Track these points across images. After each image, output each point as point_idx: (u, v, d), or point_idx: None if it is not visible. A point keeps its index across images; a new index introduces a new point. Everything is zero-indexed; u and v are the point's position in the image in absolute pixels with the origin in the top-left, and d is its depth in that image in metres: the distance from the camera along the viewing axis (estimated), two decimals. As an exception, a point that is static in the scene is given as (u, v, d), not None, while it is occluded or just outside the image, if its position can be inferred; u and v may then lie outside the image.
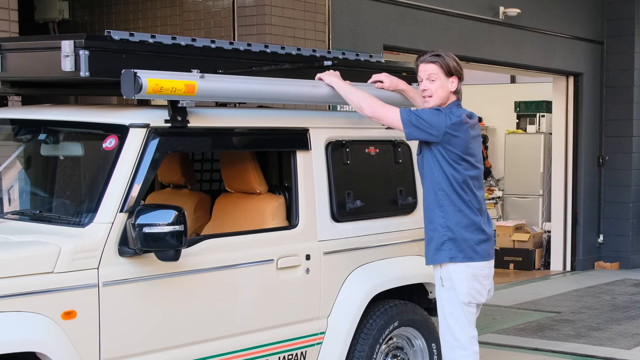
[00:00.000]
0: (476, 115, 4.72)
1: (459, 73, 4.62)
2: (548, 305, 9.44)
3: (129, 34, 4.20)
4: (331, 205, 4.89)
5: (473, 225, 4.54)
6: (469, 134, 4.55)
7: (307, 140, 4.82)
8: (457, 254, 4.53)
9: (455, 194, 4.52)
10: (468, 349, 4.58)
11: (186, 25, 8.29)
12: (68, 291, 3.78)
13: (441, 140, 4.49)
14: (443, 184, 4.53)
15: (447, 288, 4.58)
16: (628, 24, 12.33)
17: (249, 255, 4.49)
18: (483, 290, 4.62)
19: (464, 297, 4.56)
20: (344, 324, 4.88)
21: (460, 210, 4.53)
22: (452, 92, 4.61)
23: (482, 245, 4.57)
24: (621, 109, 12.40)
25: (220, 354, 4.36)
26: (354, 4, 8.62)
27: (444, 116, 4.49)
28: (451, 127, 4.48)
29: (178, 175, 5.36)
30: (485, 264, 4.60)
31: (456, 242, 4.53)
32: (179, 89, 4.06)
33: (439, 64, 4.59)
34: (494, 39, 10.53)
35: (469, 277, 4.55)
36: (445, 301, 4.61)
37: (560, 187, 12.33)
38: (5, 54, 4.40)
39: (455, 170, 4.51)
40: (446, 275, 4.58)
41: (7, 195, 4.83)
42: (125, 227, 3.96)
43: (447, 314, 4.61)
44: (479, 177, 4.63)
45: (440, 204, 4.54)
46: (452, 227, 4.53)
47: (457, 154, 4.51)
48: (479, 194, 4.60)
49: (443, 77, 4.59)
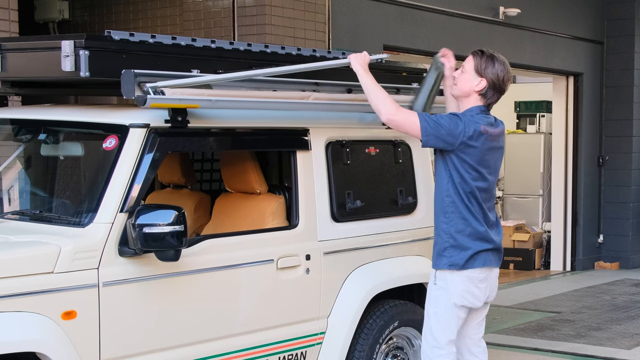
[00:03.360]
0: (501, 125, 4.56)
1: (490, 78, 4.45)
2: (548, 305, 9.44)
3: (129, 34, 4.20)
4: (331, 205, 4.89)
5: (476, 235, 4.44)
6: (486, 145, 4.42)
7: (307, 140, 4.82)
8: (457, 262, 4.44)
9: (462, 203, 4.42)
10: (445, 349, 4.51)
11: (186, 25, 8.29)
12: (68, 291, 3.78)
13: (456, 149, 4.38)
14: (451, 191, 4.43)
15: (438, 287, 4.50)
16: (628, 24, 12.33)
17: (249, 256, 4.49)
18: (479, 293, 4.53)
19: (456, 299, 4.47)
20: (344, 324, 4.88)
21: (465, 218, 4.43)
22: (476, 92, 4.47)
23: (482, 254, 4.47)
24: (621, 109, 12.41)
25: (220, 354, 4.36)
26: (354, 4, 8.62)
27: (463, 125, 4.36)
28: (468, 137, 4.36)
29: (178, 175, 5.36)
30: (484, 269, 4.50)
31: (457, 250, 4.44)
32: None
33: (474, 58, 4.49)
34: (494, 39, 10.53)
35: (465, 279, 4.46)
36: (432, 299, 4.54)
37: (560, 187, 12.33)
38: (5, 54, 4.40)
39: (464, 180, 4.41)
40: (441, 275, 4.50)
41: (7, 195, 4.83)
42: (125, 227, 3.96)
43: (431, 313, 4.54)
44: (488, 189, 4.50)
45: (445, 210, 4.45)
46: (455, 234, 4.44)
47: (469, 164, 4.40)
48: (485, 206, 4.48)
49: (472, 73, 4.47)
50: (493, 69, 4.46)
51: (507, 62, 4.54)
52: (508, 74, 4.52)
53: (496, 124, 4.52)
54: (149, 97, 3.97)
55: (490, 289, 4.60)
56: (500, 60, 4.50)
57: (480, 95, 4.49)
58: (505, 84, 4.50)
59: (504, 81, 4.49)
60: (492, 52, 4.53)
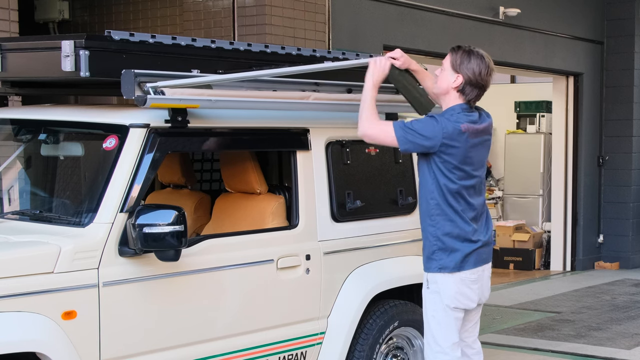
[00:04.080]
0: (487, 119, 4.50)
1: (467, 74, 4.37)
2: (548, 305, 9.44)
3: (129, 34, 4.20)
4: (331, 205, 4.89)
5: (464, 235, 4.39)
6: (468, 143, 4.34)
7: (307, 140, 4.82)
8: (447, 264, 4.40)
9: (447, 204, 4.36)
10: (449, 354, 4.46)
11: (186, 25, 8.29)
12: (68, 291, 3.78)
13: (438, 151, 4.32)
14: (435, 194, 4.38)
15: (431, 291, 4.46)
16: (628, 24, 12.33)
17: (249, 256, 4.49)
18: (472, 294, 4.47)
19: (449, 301, 4.42)
20: (344, 324, 4.88)
21: (452, 220, 4.37)
22: (454, 89, 4.39)
23: (473, 255, 4.42)
24: (621, 109, 12.40)
25: (220, 354, 4.36)
26: (354, 4, 8.62)
27: (440, 126, 4.29)
28: (448, 137, 4.29)
29: (178, 175, 5.36)
30: (475, 270, 4.45)
31: (446, 252, 4.40)
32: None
33: (450, 55, 4.43)
34: (494, 39, 10.53)
35: (457, 281, 4.41)
36: (428, 304, 4.50)
37: (560, 187, 12.33)
38: (5, 54, 4.40)
39: (449, 180, 4.35)
40: (432, 279, 4.46)
41: (7, 195, 4.83)
42: (125, 227, 3.96)
43: (429, 317, 4.50)
44: (476, 185, 4.44)
45: (431, 213, 4.40)
46: (442, 237, 4.39)
47: (452, 164, 4.34)
48: (475, 202, 4.43)
49: (449, 70, 4.41)
50: (469, 64, 4.37)
51: (486, 56, 4.44)
52: (487, 69, 4.41)
53: (481, 120, 4.45)
54: (149, 97, 3.97)
55: (483, 289, 4.56)
56: (478, 55, 4.41)
57: (459, 92, 4.40)
58: (483, 79, 4.40)
59: (481, 76, 4.38)
60: (470, 47, 4.44)
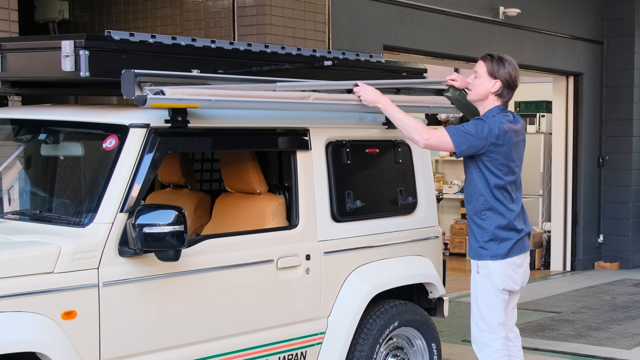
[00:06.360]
0: (520, 120, 4.93)
1: (504, 78, 4.81)
2: (548, 305, 9.44)
3: (129, 34, 4.20)
4: (331, 205, 4.89)
5: (511, 226, 4.82)
6: (512, 141, 4.79)
7: (307, 140, 4.82)
8: (498, 252, 4.81)
9: (495, 199, 4.79)
10: (496, 332, 4.86)
11: (186, 25, 8.29)
12: (68, 291, 3.78)
13: (487, 150, 4.73)
14: (483, 190, 4.80)
15: (482, 275, 4.85)
16: (628, 24, 12.33)
17: (249, 255, 4.49)
18: (517, 278, 4.89)
19: (499, 283, 4.82)
20: (344, 324, 4.88)
21: (500, 213, 4.80)
22: (492, 93, 4.82)
23: (519, 243, 4.85)
24: (621, 109, 12.40)
25: (220, 354, 4.36)
26: (354, 4, 8.62)
27: (488, 127, 4.71)
28: (495, 137, 4.71)
29: (178, 175, 5.36)
30: (520, 256, 4.87)
31: (496, 242, 4.81)
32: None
33: (485, 63, 4.84)
34: (494, 39, 10.53)
35: (505, 266, 4.82)
36: (479, 287, 4.88)
37: (560, 187, 12.33)
38: (5, 54, 4.40)
39: (496, 177, 4.78)
40: (483, 265, 4.85)
41: (7, 195, 4.83)
42: (125, 227, 3.96)
43: (479, 299, 4.88)
44: (517, 180, 4.90)
45: (481, 208, 4.82)
46: (492, 229, 4.80)
47: (500, 162, 4.77)
48: (515, 196, 4.87)
49: (485, 77, 4.83)
50: (504, 69, 4.84)
51: (513, 60, 4.91)
52: (517, 71, 4.90)
53: (515, 120, 4.89)
54: (149, 97, 3.97)
55: (525, 274, 4.97)
56: (509, 60, 4.88)
57: (497, 95, 4.85)
58: (516, 81, 4.89)
59: (515, 79, 4.88)
60: (500, 54, 4.90)
